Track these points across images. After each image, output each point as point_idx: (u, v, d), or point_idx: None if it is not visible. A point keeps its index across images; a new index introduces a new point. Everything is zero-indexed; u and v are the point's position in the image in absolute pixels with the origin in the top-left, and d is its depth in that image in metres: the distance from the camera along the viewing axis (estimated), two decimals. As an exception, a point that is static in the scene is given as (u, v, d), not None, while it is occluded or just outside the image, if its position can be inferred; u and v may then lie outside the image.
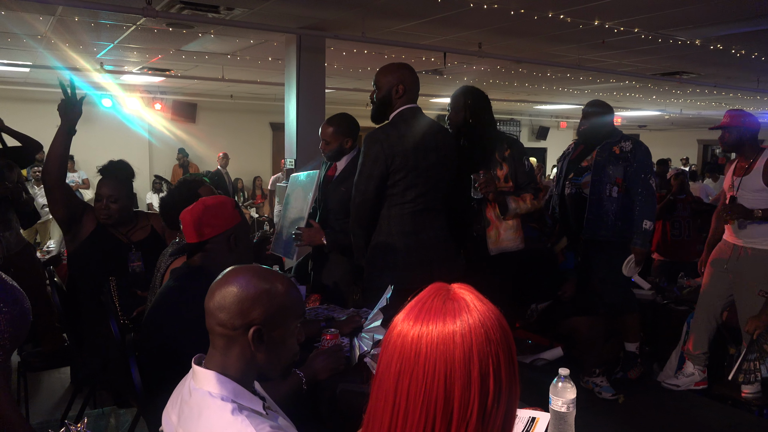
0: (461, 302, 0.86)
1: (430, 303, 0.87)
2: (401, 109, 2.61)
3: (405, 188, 2.56)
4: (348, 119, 3.04)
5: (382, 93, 2.64)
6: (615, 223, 3.47)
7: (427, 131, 2.61)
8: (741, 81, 7.77)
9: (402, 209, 2.58)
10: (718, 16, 4.54)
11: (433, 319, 0.85)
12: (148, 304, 2.38)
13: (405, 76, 2.61)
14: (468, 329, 0.83)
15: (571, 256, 3.71)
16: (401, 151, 2.52)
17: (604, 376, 3.57)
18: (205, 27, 5.21)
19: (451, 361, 0.82)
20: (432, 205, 2.64)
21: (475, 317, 0.84)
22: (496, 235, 2.98)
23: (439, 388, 0.82)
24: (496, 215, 2.98)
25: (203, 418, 1.14)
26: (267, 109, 11.33)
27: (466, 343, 0.82)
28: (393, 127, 2.58)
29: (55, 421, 3.12)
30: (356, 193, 2.59)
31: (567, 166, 3.71)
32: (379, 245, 2.62)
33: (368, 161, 2.54)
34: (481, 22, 4.88)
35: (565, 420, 1.39)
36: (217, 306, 1.21)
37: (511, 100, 10.85)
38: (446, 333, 0.83)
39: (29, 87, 9.10)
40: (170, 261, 2.26)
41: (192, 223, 1.89)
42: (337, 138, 2.96)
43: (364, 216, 2.61)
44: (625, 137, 3.55)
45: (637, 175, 3.44)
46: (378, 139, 2.54)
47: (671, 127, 15.69)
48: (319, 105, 5.36)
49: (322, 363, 1.88)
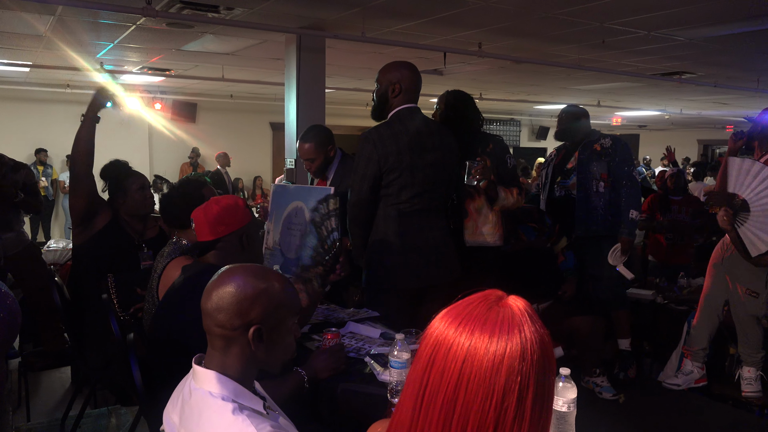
0: (508, 311, 0.83)
1: (476, 306, 0.84)
2: (399, 108, 2.59)
3: (400, 188, 2.54)
4: (320, 128, 3.05)
5: (380, 91, 2.64)
6: (605, 217, 3.58)
7: (424, 131, 2.59)
8: (741, 81, 7.76)
9: (398, 209, 2.56)
10: (718, 15, 4.54)
11: (475, 320, 0.82)
12: (145, 304, 2.40)
13: (404, 75, 2.59)
14: (505, 339, 0.80)
15: (571, 256, 3.73)
16: (394, 151, 2.50)
17: (604, 375, 3.57)
18: (205, 27, 5.20)
19: (478, 365, 0.79)
20: (429, 205, 2.61)
21: (517, 330, 0.81)
22: (473, 227, 3.00)
23: (460, 390, 0.79)
24: (475, 208, 2.99)
25: (204, 418, 1.14)
26: (267, 109, 11.33)
27: (499, 351, 0.79)
28: (387, 127, 2.57)
29: (56, 420, 3.12)
30: (351, 193, 2.60)
31: (552, 171, 3.79)
32: (376, 245, 2.60)
33: (361, 161, 2.54)
34: (481, 21, 4.88)
35: (566, 420, 1.39)
36: (214, 307, 1.21)
37: (511, 100, 10.85)
38: (482, 336, 0.80)
39: (29, 87, 9.10)
40: (167, 261, 2.27)
41: (205, 221, 1.91)
42: (320, 152, 2.97)
43: (359, 216, 2.60)
44: (603, 135, 3.68)
45: (620, 169, 3.57)
46: (371, 139, 2.53)
47: (671, 127, 15.68)
48: (319, 105, 5.35)
49: (324, 363, 1.88)
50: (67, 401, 3.22)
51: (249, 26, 4.90)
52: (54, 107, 9.75)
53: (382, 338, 2.29)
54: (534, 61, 6.29)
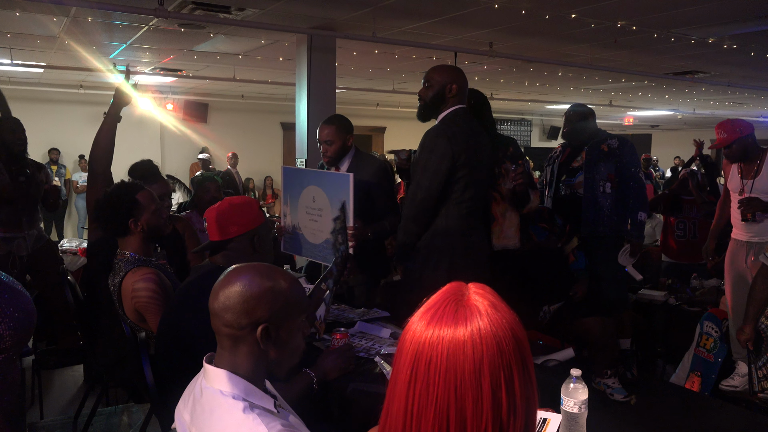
0: (474, 309, 0.84)
1: (443, 309, 0.85)
2: (455, 108, 2.57)
3: (465, 186, 2.51)
4: (343, 117, 3.03)
5: (434, 90, 2.58)
6: (611, 218, 3.56)
7: (478, 131, 2.61)
8: (755, 80, 7.68)
9: (460, 209, 2.53)
10: (732, 14, 4.50)
11: (445, 325, 0.83)
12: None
13: (458, 76, 2.59)
14: (479, 340, 0.81)
15: (582, 256, 3.71)
16: (465, 149, 2.48)
17: (615, 377, 3.55)
18: (216, 27, 5.23)
19: (461, 372, 0.80)
20: (479, 205, 2.63)
21: (487, 326, 0.82)
22: (499, 231, 3.00)
23: (450, 399, 0.80)
24: (500, 212, 2.99)
25: (215, 417, 1.15)
26: (278, 109, 11.37)
27: (477, 354, 0.81)
28: (455, 124, 2.53)
29: (69, 418, 3.15)
30: (418, 189, 2.50)
31: (558, 169, 3.78)
32: (436, 244, 2.53)
33: (435, 156, 2.46)
34: (492, 21, 4.87)
35: (577, 421, 1.38)
36: (222, 307, 1.21)
37: (522, 99, 10.81)
38: (456, 342, 0.81)
39: (43, 87, 9.19)
40: (122, 275, 2.21)
41: (216, 220, 1.91)
42: (340, 135, 2.92)
43: (424, 213, 2.52)
44: (610, 136, 3.66)
45: (627, 170, 3.56)
46: (445, 134, 2.48)
47: (684, 126, 15.55)
48: (330, 105, 5.36)
49: (332, 363, 1.88)
50: (79, 399, 3.25)
51: (260, 27, 4.92)
52: (67, 108, 9.85)
53: (392, 338, 2.29)
54: (545, 60, 6.27)
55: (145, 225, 2.27)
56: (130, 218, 2.25)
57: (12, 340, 1.14)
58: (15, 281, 1.21)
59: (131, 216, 2.25)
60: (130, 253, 2.27)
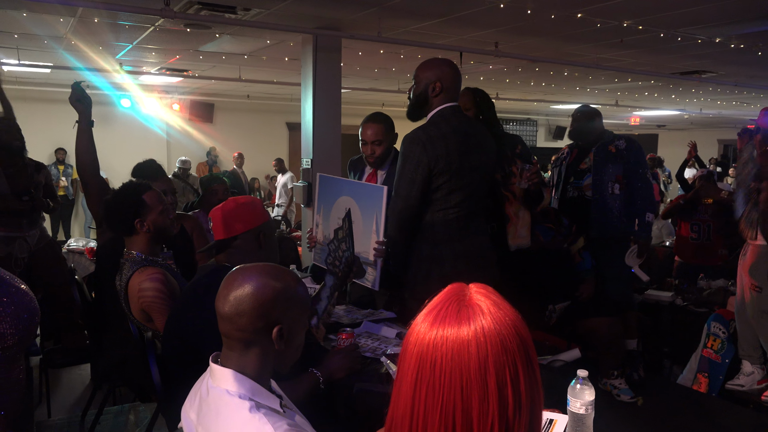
0: (476, 308, 0.84)
1: (446, 309, 0.85)
2: (441, 107, 2.41)
3: (448, 192, 2.37)
4: (387, 115, 2.88)
5: (419, 89, 2.44)
6: (620, 219, 3.56)
7: (469, 131, 2.43)
8: (762, 80, 7.64)
9: (446, 215, 2.39)
10: (739, 13, 4.47)
11: (449, 325, 0.83)
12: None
13: (444, 72, 2.41)
14: (483, 338, 0.81)
15: (588, 257, 3.70)
16: (444, 154, 2.33)
17: (622, 378, 3.53)
18: (222, 27, 5.24)
19: (466, 372, 0.81)
20: (474, 208, 2.47)
21: (490, 325, 0.82)
22: (514, 231, 2.98)
23: (456, 399, 0.81)
24: (513, 211, 2.97)
25: (221, 416, 1.15)
26: (283, 109, 11.38)
27: (482, 353, 0.81)
28: (434, 127, 2.38)
29: (76, 417, 3.17)
30: (397, 199, 2.39)
31: (565, 171, 3.76)
32: (425, 255, 2.42)
33: (410, 164, 2.34)
34: (497, 21, 4.86)
35: (584, 422, 1.38)
36: (235, 312, 1.20)
37: (528, 99, 10.78)
38: (461, 342, 0.82)
39: (50, 87, 9.23)
40: (129, 275, 2.23)
41: (222, 219, 1.91)
42: (388, 135, 2.77)
43: (406, 223, 2.40)
44: (618, 137, 3.65)
45: (635, 171, 3.56)
46: (420, 141, 2.33)
47: (690, 126, 15.47)
48: (336, 105, 5.36)
49: (338, 362, 1.89)
50: (87, 398, 3.27)
51: (266, 27, 4.93)
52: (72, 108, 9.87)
53: (398, 338, 2.29)
54: (551, 60, 6.25)
55: (152, 225, 2.28)
56: (137, 218, 2.25)
57: (14, 338, 1.14)
58: (17, 278, 1.21)
59: (138, 216, 2.25)
60: (136, 252, 2.28)
